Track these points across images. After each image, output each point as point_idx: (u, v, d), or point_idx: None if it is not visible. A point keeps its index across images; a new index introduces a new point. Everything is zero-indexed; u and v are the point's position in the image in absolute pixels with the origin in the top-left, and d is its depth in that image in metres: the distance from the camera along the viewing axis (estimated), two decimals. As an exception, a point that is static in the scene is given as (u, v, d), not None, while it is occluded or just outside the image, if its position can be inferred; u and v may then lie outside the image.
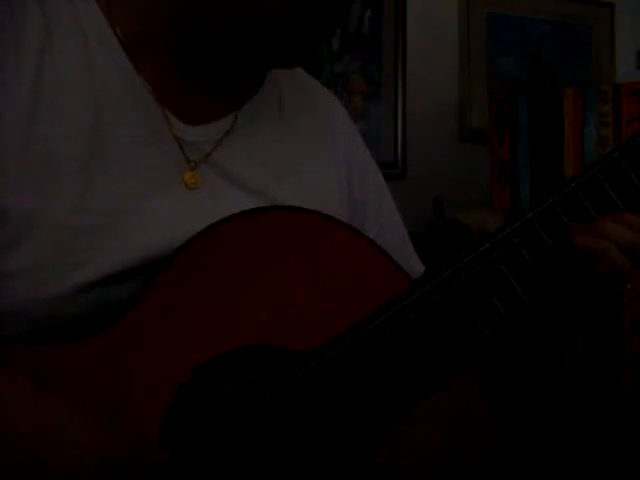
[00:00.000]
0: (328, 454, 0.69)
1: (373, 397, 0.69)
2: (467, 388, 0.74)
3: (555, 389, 1.57)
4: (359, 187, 0.87)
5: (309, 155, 0.83)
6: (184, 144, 0.74)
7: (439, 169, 2.03)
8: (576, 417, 1.60)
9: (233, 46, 0.73)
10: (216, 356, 0.67)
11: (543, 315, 0.78)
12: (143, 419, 0.65)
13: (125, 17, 0.73)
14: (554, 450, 1.55)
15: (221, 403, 0.68)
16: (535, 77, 2.21)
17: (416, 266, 0.90)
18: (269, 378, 0.68)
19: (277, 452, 0.69)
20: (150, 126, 0.72)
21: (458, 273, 0.70)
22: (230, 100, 0.78)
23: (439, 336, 0.70)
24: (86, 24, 0.72)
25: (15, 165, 0.67)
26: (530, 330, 0.80)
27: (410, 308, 0.69)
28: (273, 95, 0.82)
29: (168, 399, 0.65)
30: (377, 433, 0.70)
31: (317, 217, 0.73)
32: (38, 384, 0.62)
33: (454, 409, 0.74)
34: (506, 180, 1.77)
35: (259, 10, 0.69)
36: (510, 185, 1.77)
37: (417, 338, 0.69)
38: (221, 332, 0.68)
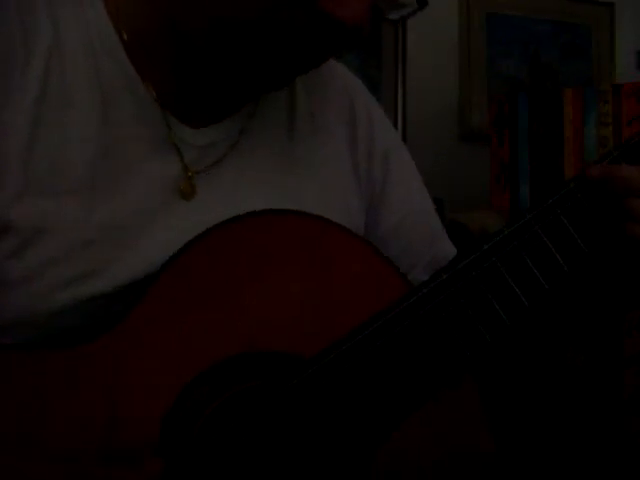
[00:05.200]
0: (329, 458, 0.69)
1: (372, 402, 0.68)
2: (465, 389, 0.74)
3: (555, 389, 1.57)
4: (380, 171, 0.85)
5: (323, 145, 0.81)
6: (191, 150, 0.73)
7: (439, 169, 2.03)
8: (576, 417, 1.60)
9: (216, 54, 0.70)
10: (216, 361, 0.67)
11: (545, 317, 0.78)
12: (140, 423, 0.65)
13: (130, 23, 0.72)
14: (554, 450, 1.55)
15: (220, 409, 0.68)
16: (535, 77, 2.21)
17: (444, 249, 0.88)
18: (269, 383, 0.68)
19: (276, 457, 0.69)
20: (154, 134, 0.72)
21: (457, 276, 0.69)
22: (237, 101, 0.77)
23: (439, 340, 0.69)
24: (93, 29, 0.71)
25: (19, 176, 0.66)
26: (531, 332, 0.79)
27: (409, 312, 0.69)
28: (285, 89, 0.80)
29: (167, 404, 0.65)
30: (378, 438, 0.69)
31: (317, 222, 0.73)
32: None
33: (452, 409, 0.74)
34: (506, 180, 1.77)
35: (232, 17, 0.66)
36: (510, 185, 1.77)
37: (416, 342, 0.69)
38: (221, 337, 0.67)
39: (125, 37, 0.71)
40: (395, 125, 2.03)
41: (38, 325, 0.66)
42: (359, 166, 0.83)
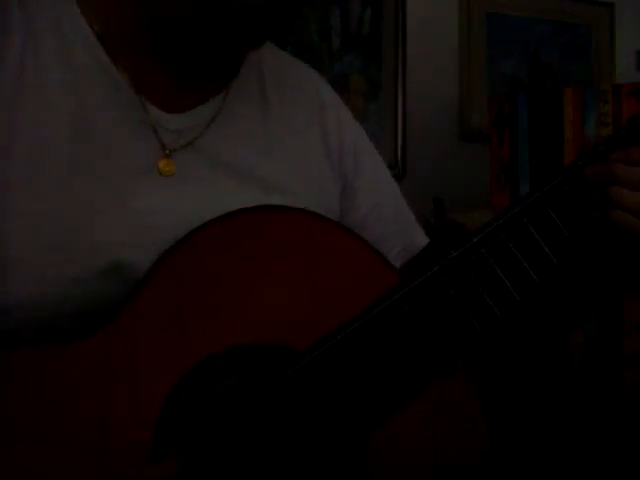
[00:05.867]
0: (322, 449, 0.70)
1: (364, 393, 0.69)
2: (464, 387, 0.74)
3: (555, 388, 1.57)
4: (350, 160, 0.87)
5: (295, 131, 0.83)
6: (165, 133, 0.75)
7: (439, 169, 2.03)
8: (576, 416, 1.60)
9: (183, 29, 0.74)
10: (212, 354, 0.67)
11: (536, 309, 0.79)
12: (136, 417, 0.65)
13: (101, 14, 0.74)
14: (554, 450, 1.55)
15: (216, 401, 0.68)
16: (535, 77, 2.21)
17: (417, 238, 0.90)
18: (264, 375, 0.69)
19: (271, 448, 0.69)
20: (130, 119, 0.74)
21: (447, 268, 0.70)
22: (210, 85, 0.79)
23: (430, 331, 0.70)
24: (66, 23, 0.73)
25: (2, 155, 0.68)
26: (525, 323, 0.80)
27: (400, 304, 0.70)
28: (255, 76, 0.83)
29: (163, 397, 0.66)
30: (369, 429, 0.70)
31: (311, 218, 0.73)
32: None
33: (450, 408, 0.74)
34: (506, 180, 1.78)
35: None
36: (510, 185, 1.77)
37: (408, 333, 0.70)
38: (218, 331, 0.68)
39: (97, 29, 0.74)
40: (395, 125, 2.03)
41: (31, 312, 0.67)
42: (332, 156, 0.86)
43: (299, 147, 0.83)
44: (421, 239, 0.90)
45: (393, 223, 0.89)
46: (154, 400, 0.66)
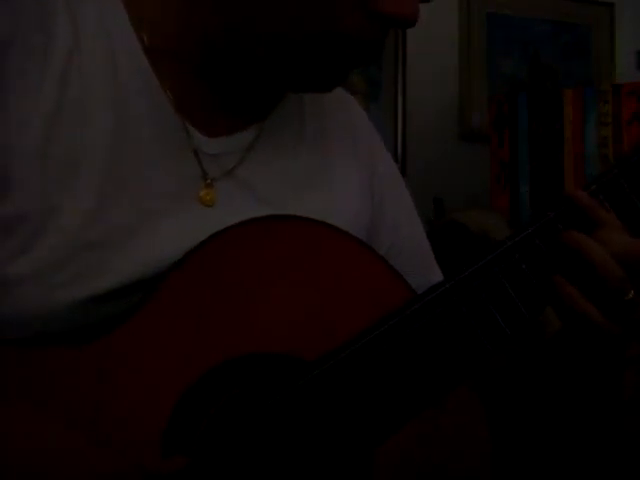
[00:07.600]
0: (330, 457, 0.69)
1: (373, 406, 0.69)
2: (466, 390, 0.74)
3: (555, 388, 1.56)
4: (379, 192, 0.86)
5: (331, 164, 0.82)
6: (204, 157, 0.73)
7: (439, 169, 2.03)
8: (576, 417, 1.60)
9: (259, 66, 0.72)
10: (220, 363, 0.67)
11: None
12: (140, 420, 0.65)
13: (154, 25, 0.72)
14: (554, 450, 1.55)
15: (224, 409, 0.68)
16: (535, 77, 2.21)
17: (433, 277, 0.89)
18: (273, 385, 0.68)
19: (278, 456, 0.69)
20: (169, 139, 0.71)
21: (459, 286, 0.70)
22: (252, 112, 0.77)
23: (440, 347, 0.69)
24: (112, 29, 0.71)
25: (36, 168, 0.66)
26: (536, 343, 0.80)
27: (412, 319, 0.69)
28: (295, 105, 0.81)
29: (170, 406, 0.65)
30: (378, 438, 0.70)
31: (323, 228, 0.73)
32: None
33: (454, 410, 0.74)
34: (506, 180, 1.78)
35: (293, 34, 0.68)
36: (510, 185, 1.77)
37: (418, 349, 0.69)
38: (225, 340, 0.67)
39: (147, 42, 0.71)
40: (395, 125, 2.03)
41: (37, 324, 0.66)
42: (363, 188, 0.84)
43: (333, 181, 0.81)
44: (437, 277, 0.89)
45: (412, 258, 0.87)
46: (161, 405, 0.65)
